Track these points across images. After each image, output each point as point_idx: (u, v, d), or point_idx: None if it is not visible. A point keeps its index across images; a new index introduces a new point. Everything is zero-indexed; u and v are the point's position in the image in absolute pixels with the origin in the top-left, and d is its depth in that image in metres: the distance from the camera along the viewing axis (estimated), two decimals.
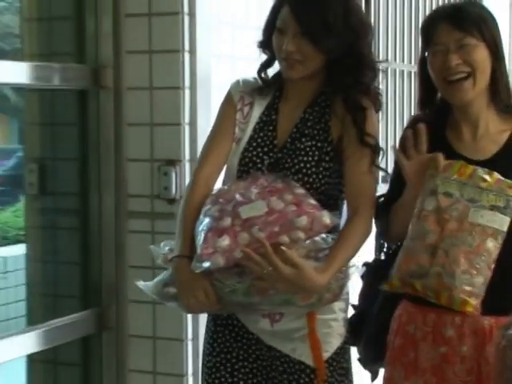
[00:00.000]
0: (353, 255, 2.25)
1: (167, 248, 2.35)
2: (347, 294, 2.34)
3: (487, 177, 2.14)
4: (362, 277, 2.48)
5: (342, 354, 2.33)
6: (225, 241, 2.12)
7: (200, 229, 2.19)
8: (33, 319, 3.33)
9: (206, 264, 2.12)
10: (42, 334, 2.85)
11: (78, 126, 3.09)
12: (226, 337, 2.37)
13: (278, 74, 2.38)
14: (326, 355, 2.29)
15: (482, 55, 2.19)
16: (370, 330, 2.40)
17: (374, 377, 2.53)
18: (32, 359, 3.17)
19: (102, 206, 3.05)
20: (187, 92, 2.92)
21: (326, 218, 2.16)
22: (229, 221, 2.15)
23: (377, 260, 2.47)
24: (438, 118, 2.32)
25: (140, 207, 2.99)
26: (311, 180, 2.28)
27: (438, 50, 2.22)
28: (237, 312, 2.32)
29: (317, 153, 2.29)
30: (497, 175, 2.14)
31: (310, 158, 2.29)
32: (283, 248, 2.10)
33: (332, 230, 2.22)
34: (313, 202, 2.19)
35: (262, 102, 2.38)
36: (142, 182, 2.99)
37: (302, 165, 2.29)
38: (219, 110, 2.44)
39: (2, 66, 2.83)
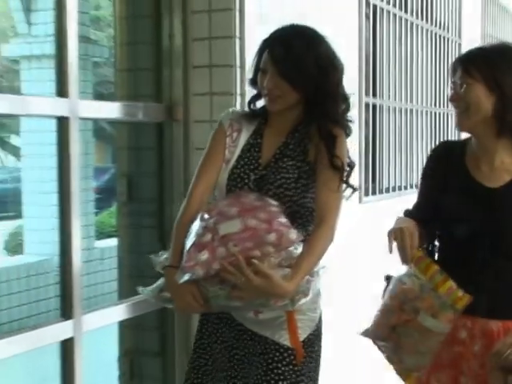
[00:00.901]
0: (317, 261, 2.02)
1: (164, 257, 2.13)
2: (318, 290, 2.11)
3: (440, 284, 1.97)
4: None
5: (313, 340, 2.12)
6: (204, 255, 1.93)
7: (187, 243, 2.00)
8: (122, 294, 3.33)
9: (187, 276, 1.94)
10: (130, 306, 2.85)
11: (156, 149, 3.09)
12: (223, 329, 2.16)
13: (264, 106, 2.20)
14: (301, 338, 2.09)
15: (475, 93, 1.99)
16: None
17: None
18: (122, 325, 3.18)
19: (173, 210, 3.01)
20: None
21: (293, 234, 1.96)
22: (209, 237, 1.95)
23: None
24: (461, 146, 2.13)
25: None
26: (291, 193, 2.09)
27: (451, 87, 2.09)
28: (223, 311, 2.12)
29: (296, 171, 2.10)
30: (449, 284, 1.96)
31: (291, 175, 2.10)
32: (254, 261, 1.90)
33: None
34: (283, 220, 1.98)
35: (249, 128, 2.19)
36: None
37: (283, 180, 2.10)
38: (211, 137, 2.23)
39: (101, 106, 2.88)
